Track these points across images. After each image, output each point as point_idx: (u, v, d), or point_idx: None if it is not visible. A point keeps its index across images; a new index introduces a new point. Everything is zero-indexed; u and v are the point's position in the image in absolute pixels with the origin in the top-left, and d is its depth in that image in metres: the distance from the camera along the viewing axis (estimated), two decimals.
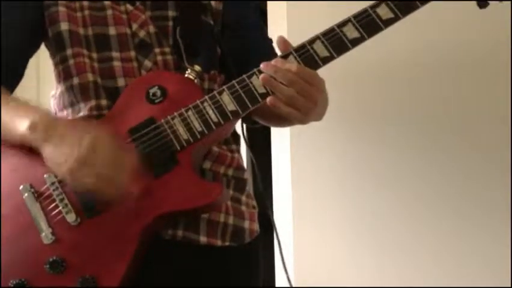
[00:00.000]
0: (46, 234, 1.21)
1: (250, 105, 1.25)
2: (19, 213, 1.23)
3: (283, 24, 2.05)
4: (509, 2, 1.36)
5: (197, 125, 1.25)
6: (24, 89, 1.42)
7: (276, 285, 2.08)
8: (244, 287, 1.39)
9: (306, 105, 1.22)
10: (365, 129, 2.04)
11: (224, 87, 1.27)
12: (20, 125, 1.23)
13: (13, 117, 1.25)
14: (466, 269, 1.93)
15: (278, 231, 1.49)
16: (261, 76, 1.23)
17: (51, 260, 1.19)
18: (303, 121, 1.27)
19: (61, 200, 1.23)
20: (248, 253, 1.41)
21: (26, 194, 1.24)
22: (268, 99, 1.22)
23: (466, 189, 1.96)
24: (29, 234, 1.22)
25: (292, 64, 1.23)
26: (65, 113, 1.38)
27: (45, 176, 1.25)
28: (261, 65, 1.23)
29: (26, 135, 1.22)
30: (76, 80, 1.34)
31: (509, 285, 1.86)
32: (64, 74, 1.37)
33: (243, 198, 1.42)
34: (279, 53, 1.30)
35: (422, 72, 2.00)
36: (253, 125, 1.57)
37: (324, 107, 1.36)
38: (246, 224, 1.40)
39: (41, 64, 1.66)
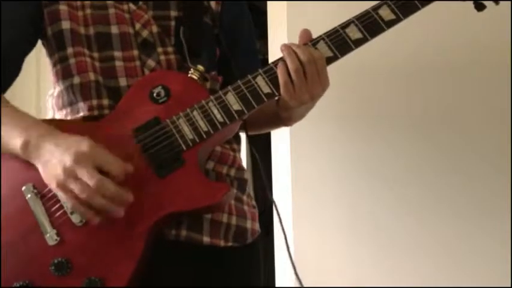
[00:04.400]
0: (51, 235, 1.20)
1: (255, 105, 1.25)
2: (22, 214, 1.23)
3: (283, 24, 2.05)
4: (509, 2, 1.36)
5: (202, 125, 1.25)
6: (24, 88, 1.42)
7: (276, 285, 2.08)
8: (246, 287, 1.39)
9: (302, 91, 1.24)
10: (364, 129, 2.04)
11: (229, 87, 1.27)
12: (14, 143, 1.22)
13: (8, 134, 1.24)
14: (466, 269, 1.93)
15: (277, 231, 1.49)
16: (284, 44, 1.25)
17: (56, 261, 1.19)
18: (290, 104, 1.27)
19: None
20: (250, 253, 1.42)
21: (29, 195, 1.23)
22: (278, 61, 1.24)
23: (466, 189, 1.96)
24: (33, 236, 1.21)
25: (317, 51, 1.25)
26: (64, 112, 1.37)
27: None
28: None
29: (20, 153, 1.22)
30: (76, 80, 1.34)
31: (509, 285, 1.86)
32: (63, 73, 1.36)
33: (245, 198, 1.42)
34: (271, 59, 1.30)
35: (422, 72, 2.00)
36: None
37: (306, 111, 1.39)
38: (249, 224, 1.40)
39: (41, 64, 1.66)
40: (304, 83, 1.23)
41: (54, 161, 1.16)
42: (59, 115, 1.39)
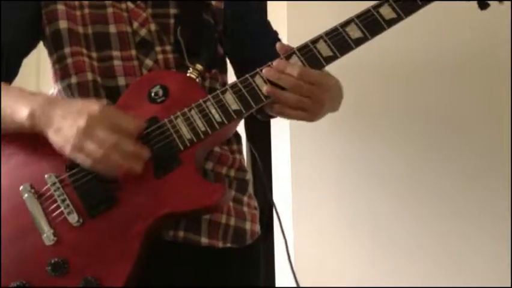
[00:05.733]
0: (48, 236, 1.20)
1: (253, 105, 1.24)
2: (19, 214, 1.22)
3: (284, 24, 2.05)
4: (509, 2, 1.36)
5: (200, 125, 1.24)
6: (25, 87, 1.41)
7: (276, 286, 2.08)
8: (246, 287, 1.39)
9: (312, 106, 1.23)
10: (364, 129, 2.03)
11: (227, 86, 1.26)
12: (20, 113, 1.21)
13: (13, 105, 1.23)
14: (466, 269, 1.93)
15: (277, 232, 1.49)
16: (265, 88, 1.22)
17: (53, 261, 1.19)
18: (313, 119, 1.28)
19: (63, 201, 1.22)
20: (249, 254, 1.41)
21: (26, 195, 1.23)
22: (275, 107, 1.23)
23: (466, 189, 1.96)
24: (29, 236, 1.21)
25: (294, 68, 1.22)
26: None
27: (46, 176, 1.24)
28: (264, 71, 1.23)
29: (26, 123, 1.21)
30: (74, 79, 1.33)
31: (509, 285, 1.86)
32: (61, 73, 1.36)
33: (245, 199, 1.41)
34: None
35: (422, 72, 2.00)
36: (267, 118, 1.56)
37: (336, 99, 1.38)
38: (248, 225, 1.39)
39: (41, 63, 1.65)
40: (307, 100, 1.22)
41: (67, 126, 1.16)
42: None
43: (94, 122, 1.15)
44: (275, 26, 1.60)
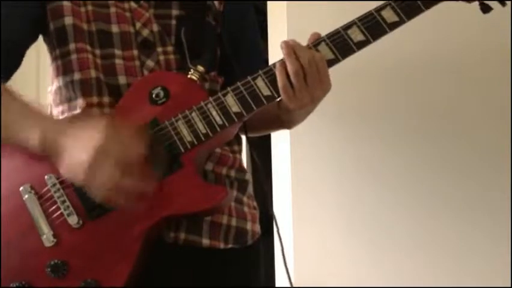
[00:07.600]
0: (47, 237, 1.20)
1: (254, 107, 1.23)
2: (19, 215, 1.22)
3: (284, 24, 2.05)
4: (510, 2, 1.36)
5: (201, 127, 1.24)
6: (25, 85, 1.40)
7: (276, 285, 2.08)
8: (246, 287, 1.38)
9: (303, 94, 1.22)
10: (364, 129, 2.03)
11: (228, 88, 1.25)
12: (31, 135, 1.19)
13: (20, 123, 1.22)
14: (466, 269, 1.93)
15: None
16: (284, 41, 1.22)
17: (52, 263, 1.18)
18: (291, 107, 1.25)
19: (63, 202, 1.22)
20: (250, 255, 1.41)
21: (26, 196, 1.23)
22: (277, 62, 1.23)
23: (466, 189, 1.96)
24: (29, 237, 1.21)
25: (318, 52, 1.23)
26: (60, 108, 1.36)
27: (46, 177, 1.24)
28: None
29: (37, 146, 1.19)
30: (77, 76, 1.32)
31: (509, 285, 1.86)
32: (63, 69, 1.35)
33: (245, 199, 1.41)
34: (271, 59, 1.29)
35: (422, 73, 2.00)
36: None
37: (307, 114, 1.38)
38: (249, 226, 1.39)
39: (41, 61, 1.65)
40: (304, 86, 1.21)
41: (74, 159, 1.14)
42: (56, 111, 1.37)
43: (99, 158, 1.11)
44: (275, 26, 1.60)
